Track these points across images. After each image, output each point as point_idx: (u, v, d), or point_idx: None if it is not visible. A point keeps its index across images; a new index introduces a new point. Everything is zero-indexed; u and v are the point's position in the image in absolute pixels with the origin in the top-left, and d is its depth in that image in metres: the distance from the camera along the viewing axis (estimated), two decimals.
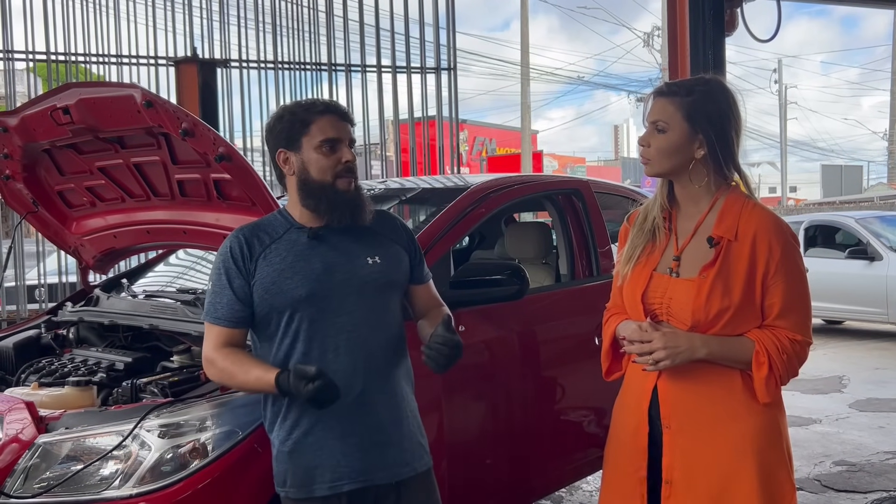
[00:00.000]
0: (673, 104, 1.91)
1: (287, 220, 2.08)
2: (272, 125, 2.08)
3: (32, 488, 2.19)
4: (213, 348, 2.02)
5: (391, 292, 2.11)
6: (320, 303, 1.99)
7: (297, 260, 2.00)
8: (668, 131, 1.91)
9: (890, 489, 4.30)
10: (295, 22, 6.79)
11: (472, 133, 23.42)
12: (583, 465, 3.49)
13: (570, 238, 3.57)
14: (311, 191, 2.02)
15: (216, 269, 2.04)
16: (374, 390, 2.02)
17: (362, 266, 2.04)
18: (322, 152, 2.01)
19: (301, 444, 1.98)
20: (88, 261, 3.45)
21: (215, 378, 2.06)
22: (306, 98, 2.18)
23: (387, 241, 2.12)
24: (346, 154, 2.03)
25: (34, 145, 2.94)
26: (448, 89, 7.04)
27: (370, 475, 2.00)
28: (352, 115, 2.13)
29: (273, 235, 2.04)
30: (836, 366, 7.81)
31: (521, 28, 21.57)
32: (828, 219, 10.84)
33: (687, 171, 1.94)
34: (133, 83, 5.73)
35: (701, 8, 4.54)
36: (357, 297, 2.02)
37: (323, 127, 2.01)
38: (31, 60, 6.23)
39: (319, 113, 2.03)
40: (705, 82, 1.97)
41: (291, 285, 1.97)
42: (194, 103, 5.77)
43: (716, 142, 1.90)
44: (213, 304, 2.02)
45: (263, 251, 2.01)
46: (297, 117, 2.03)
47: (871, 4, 7.03)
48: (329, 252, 2.03)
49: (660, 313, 1.93)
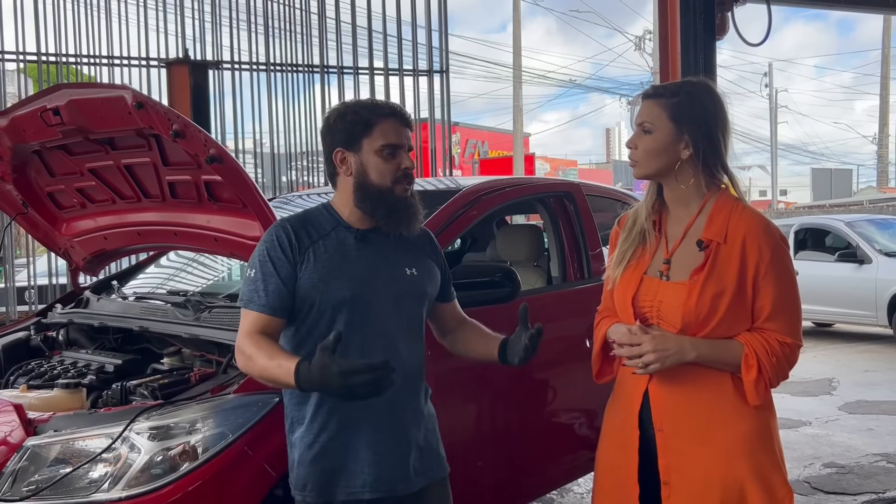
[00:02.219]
0: (658, 105, 1.93)
1: (334, 218, 2.03)
2: (333, 122, 2.01)
3: (21, 491, 2.17)
4: (245, 335, 1.91)
5: (423, 305, 2.09)
6: (361, 307, 1.95)
7: (344, 261, 1.97)
8: (653, 132, 1.93)
9: (879, 491, 4.33)
10: (287, 24, 6.79)
11: (464, 135, 23.42)
12: (574, 468, 3.49)
13: (561, 241, 3.57)
14: (368, 194, 1.98)
15: (261, 257, 1.96)
16: (402, 400, 2.00)
17: (401, 276, 2.02)
18: (382, 156, 1.97)
19: (327, 448, 1.94)
20: (79, 262, 3.44)
21: (242, 366, 1.95)
22: (371, 98, 2.15)
23: (423, 254, 2.11)
24: (406, 161, 2.00)
25: (24, 146, 2.92)
26: (440, 92, 7.05)
27: (392, 486, 1.97)
28: (412, 120, 2.10)
29: (321, 231, 1.99)
30: (826, 368, 7.85)
31: (513, 31, 21.64)
32: (818, 222, 10.91)
33: (673, 172, 1.94)
34: (124, 84, 5.72)
35: (692, 12, 4.57)
36: (395, 306, 2.00)
37: (385, 131, 1.98)
38: (21, 61, 6.21)
39: (384, 116, 1.99)
40: (691, 84, 1.99)
41: (337, 285, 1.93)
42: (186, 105, 5.76)
43: (701, 142, 1.91)
44: (256, 291, 1.92)
45: (312, 245, 1.96)
46: (360, 118, 1.98)
47: (861, 9, 7.07)
48: (374, 257, 2.00)
49: (650, 316, 1.94)
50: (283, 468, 2.11)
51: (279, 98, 6.73)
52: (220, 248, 2.89)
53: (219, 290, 3.42)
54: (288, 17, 6.80)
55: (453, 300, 2.23)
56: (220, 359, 2.62)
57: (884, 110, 33.00)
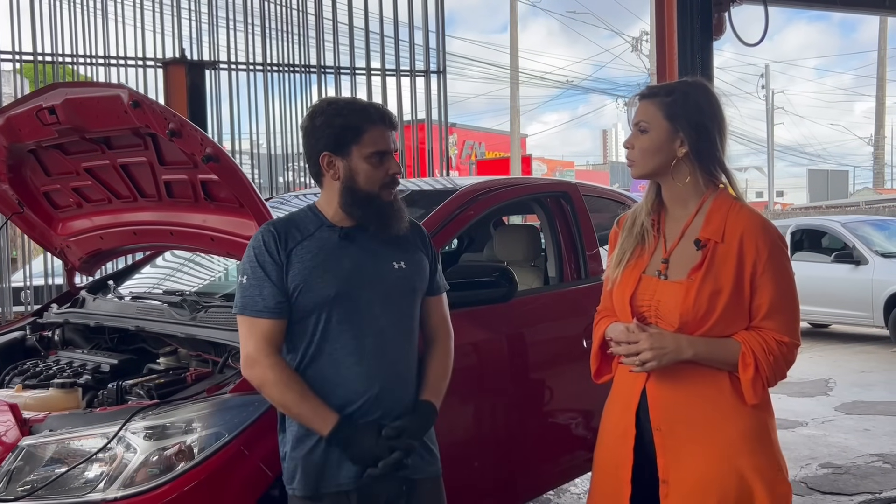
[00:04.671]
0: (654, 105, 1.95)
1: (318, 218, 2.05)
2: (319, 125, 1.99)
3: (16, 491, 2.17)
4: (256, 347, 1.93)
5: (413, 299, 2.09)
6: (347, 304, 1.97)
7: (328, 259, 1.98)
8: (650, 131, 1.94)
9: (875, 491, 4.33)
10: (284, 24, 6.78)
11: (461, 136, 23.42)
12: (570, 468, 3.49)
13: (558, 241, 3.57)
14: (356, 199, 2.00)
15: (250, 263, 1.98)
16: (393, 398, 2.00)
17: (389, 271, 2.03)
18: (371, 163, 1.98)
19: (317, 443, 1.95)
20: (74, 262, 3.43)
21: (255, 381, 1.97)
22: (357, 100, 2.13)
23: (412, 247, 2.11)
24: (393, 166, 2.02)
25: (20, 145, 2.91)
26: (437, 92, 7.05)
27: (380, 480, 1.96)
28: (396, 120, 2.10)
29: (304, 232, 2.01)
30: (822, 369, 7.86)
31: (510, 33, 21.63)
32: (814, 223, 10.92)
33: (670, 170, 1.95)
34: (120, 83, 5.71)
35: (689, 12, 4.57)
36: (383, 302, 2.01)
37: (375, 138, 1.99)
38: (17, 61, 6.19)
39: (373, 122, 1.99)
40: (687, 84, 2.01)
41: (321, 284, 1.95)
42: (182, 105, 5.75)
43: (697, 139, 1.92)
44: (252, 297, 1.95)
45: (295, 246, 1.98)
46: (349, 123, 1.98)
47: (858, 10, 7.09)
48: (359, 254, 2.01)
49: (648, 315, 1.94)
50: (280, 468, 2.10)
51: (276, 98, 6.73)
52: (217, 248, 2.88)
53: (215, 290, 3.41)
54: (285, 17, 6.79)
55: (437, 294, 2.19)
56: (217, 358, 2.62)
57: (880, 112, 33.10)
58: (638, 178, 2.01)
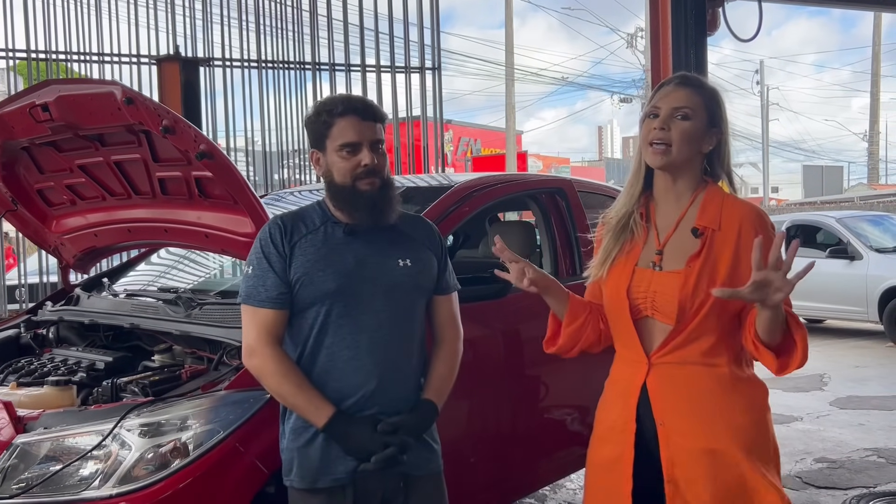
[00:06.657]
0: (698, 95, 1.94)
1: (325, 213, 2.07)
2: (307, 123, 2.07)
3: (10, 489, 2.16)
4: (256, 337, 1.97)
5: (418, 297, 2.09)
6: (348, 298, 1.97)
7: (331, 253, 2.00)
8: (692, 119, 1.92)
9: (869, 485, 4.35)
10: (279, 20, 6.76)
11: (456, 133, 23.42)
12: (566, 464, 3.49)
13: (553, 237, 3.58)
14: (336, 193, 2.02)
15: (256, 255, 2.01)
16: (394, 394, 2.00)
17: (393, 267, 2.03)
18: (342, 156, 1.99)
19: (315, 436, 1.96)
20: (69, 260, 3.42)
21: (254, 371, 2.00)
22: (334, 95, 2.16)
23: (419, 245, 2.11)
24: (366, 157, 1.99)
25: (13, 143, 2.91)
26: (433, 89, 7.04)
27: (377, 474, 1.97)
28: (381, 111, 2.08)
29: (310, 226, 2.04)
30: (817, 364, 7.88)
31: (505, 29, 21.64)
32: (809, 219, 10.94)
33: (688, 163, 1.95)
34: (114, 80, 5.69)
35: (683, 8, 4.57)
36: (384, 298, 2.01)
37: (343, 130, 1.99)
38: (11, 59, 6.17)
39: (339, 115, 1.99)
40: (709, 83, 2.02)
41: (322, 277, 1.97)
42: (177, 102, 5.74)
43: (722, 140, 1.95)
44: (255, 287, 1.98)
45: (300, 240, 2.01)
46: (321, 118, 2.01)
47: (852, 6, 7.09)
48: (363, 249, 2.02)
49: (644, 308, 1.94)
50: (275, 465, 2.11)
51: (271, 95, 6.71)
52: (211, 245, 2.88)
53: (210, 287, 3.41)
54: (280, 13, 6.77)
55: (446, 294, 2.18)
56: (212, 355, 2.62)
57: (875, 108, 33.17)
58: (665, 165, 1.94)
